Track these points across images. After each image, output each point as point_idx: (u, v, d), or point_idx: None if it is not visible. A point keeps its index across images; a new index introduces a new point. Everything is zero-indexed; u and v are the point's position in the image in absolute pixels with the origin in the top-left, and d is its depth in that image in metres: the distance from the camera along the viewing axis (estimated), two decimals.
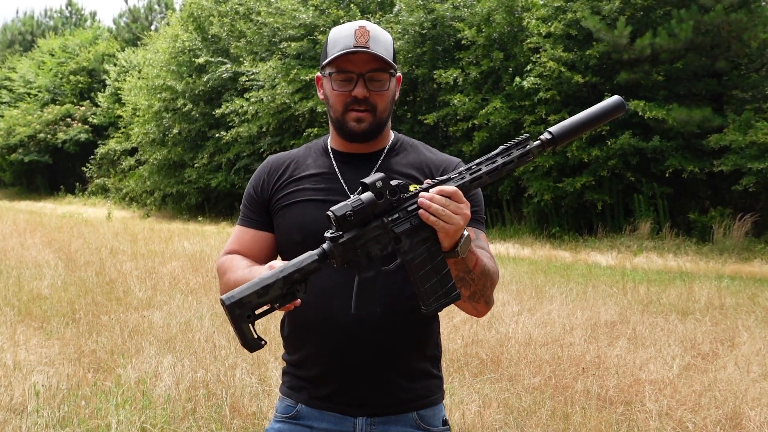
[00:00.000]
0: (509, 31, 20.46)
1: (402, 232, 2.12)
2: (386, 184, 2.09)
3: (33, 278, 10.87)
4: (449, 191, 2.08)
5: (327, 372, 2.35)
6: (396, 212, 2.12)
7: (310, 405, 2.38)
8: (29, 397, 5.52)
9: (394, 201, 2.11)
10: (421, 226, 2.11)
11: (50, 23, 61.83)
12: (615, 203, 18.79)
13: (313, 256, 2.09)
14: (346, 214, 2.06)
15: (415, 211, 2.11)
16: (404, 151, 2.52)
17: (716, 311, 9.37)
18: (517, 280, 11.69)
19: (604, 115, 2.28)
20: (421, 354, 2.42)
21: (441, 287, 2.14)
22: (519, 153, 2.21)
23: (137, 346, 7.14)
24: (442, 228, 2.07)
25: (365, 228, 2.10)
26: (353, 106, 2.36)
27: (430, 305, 2.15)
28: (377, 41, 2.36)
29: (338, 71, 2.35)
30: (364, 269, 2.13)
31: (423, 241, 2.13)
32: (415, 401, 2.39)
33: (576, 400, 5.75)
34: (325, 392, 2.36)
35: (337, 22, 23.87)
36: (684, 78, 18.48)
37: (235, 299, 2.05)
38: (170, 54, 29.31)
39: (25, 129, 41.06)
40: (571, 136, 2.24)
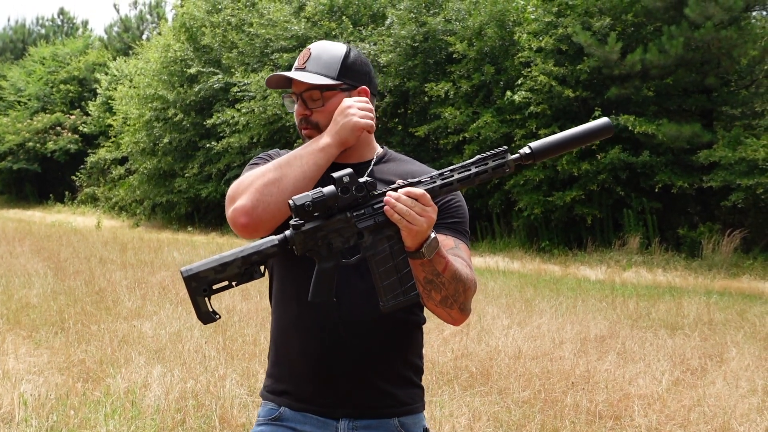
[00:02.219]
0: (500, 45, 20.54)
1: (365, 228, 2.17)
2: (353, 180, 2.15)
3: (22, 287, 10.82)
4: (417, 193, 2.11)
5: (312, 371, 2.36)
6: (362, 208, 2.17)
7: (293, 408, 2.38)
8: (17, 407, 5.49)
9: (360, 197, 2.16)
10: (386, 224, 2.16)
11: (42, 31, 61.70)
12: (605, 217, 18.84)
13: (274, 240, 2.16)
14: (305, 204, 2.11)
15: (380, 209, 2.16)
16: (392, 161, 2.56)
17: (705, 326, 9.40)
18: (507, 294, 11.70)
19: (590, 136, 2.27)
20: (405, 361, 2.43)
21: (400, 286, 2.18)
22: (495, 164, 2.21)
23: (126, 356, 7.12)
24: (405, 227, 2.11)
25: (329, 220, 2.15)
26: (302, 125, 2.45)
27: (387, 302, 2.18)
28: (318, 60, 2.45)
29: (289, 93, 2.48)
30: (324, 259, 2.18)
31: (386, 238, 2.18)
32: (398, 407, 2.40)
33: (566, 414, 5.76)
34: (309, 392, 2.37)
35: (329, 33, 23.94)
36: (674, 94, 18.58)
37: (193, 272, 2.12)
38: (162, 64, 29.29)
39: (15, 137, 40.94)
40: (552, 153, 2.24)
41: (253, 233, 2.29)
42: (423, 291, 2.25)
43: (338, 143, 2.35)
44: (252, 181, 2.30)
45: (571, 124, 18.44)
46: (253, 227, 2.28)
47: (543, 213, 18.91)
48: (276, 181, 2.28)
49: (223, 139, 25.62)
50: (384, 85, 22.04)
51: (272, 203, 2.26)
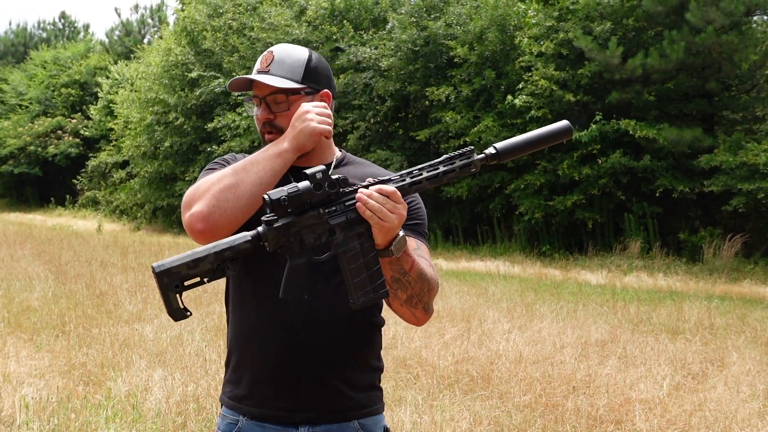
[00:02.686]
0: (501, 49, 20.55)
1: (337, 225, 2.18)
2: (326, 177, 2.16)
3: (23, 290, 10.83)
4: (388, 191, 2.14)
5: (273, 375, 2.34)
6: (334, 205, 2.19)
7: (253, 415, 2.35)
8: (19, 410, 5.50)
9: (333, 194, 2.18)
10: (357, 221, 2.18)
11: (43, 35, 61.76)
12: (605, 222, 18.84)
13: (247, 236, 2.15)
14: (281, 198, 2.12)
15: (352, 206, 2.18)
16: (351, 165, 2.57)
17: (706, 331, 9.39)
18: (508, 298, 11.71)
19: (551, 138, 2.34)
20: (365, 363, 2.44)
21: (370, 283, 2.20)
22: (462, 163, 2.26)
23: (127, 360, 7.12)
24: (377, 224, 2.13)
25: (301, 216, 2.16)
26: (265, 129, 2.44)
27: (357, 299, 2.20)
28: (281, 64, 2.44)
29: (256, 96, 2.46)
30: (296, 256, 2.18)
31: (357, 236, 2.19)
32: (358, 410, 2.39)
33: (566, 419, 5.76)
34: (269, 397, 2.35)
35: (330, 38, 23.97)
36: (675, 98, 18.59)
37: (165, 268, 2.10)
38: (163, 68, 29.32)
39: (16, 141, 40.98)
40: (516, 154, 2.29)
41: (210, 239, 2.25)
42: (389, 290, 2.26)
43: (295, 148, 2.33)
44: (208, 187, 2.28)
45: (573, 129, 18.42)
46: (210, 233, 2.25)
47: (544, 217, 18.91)
48: (232, 186, 2.26)
49: (224, 143, 25.62)
50: (385, 89, 22.05)
51: (229, 209, 2.24)
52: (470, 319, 9.53)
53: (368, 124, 22.63)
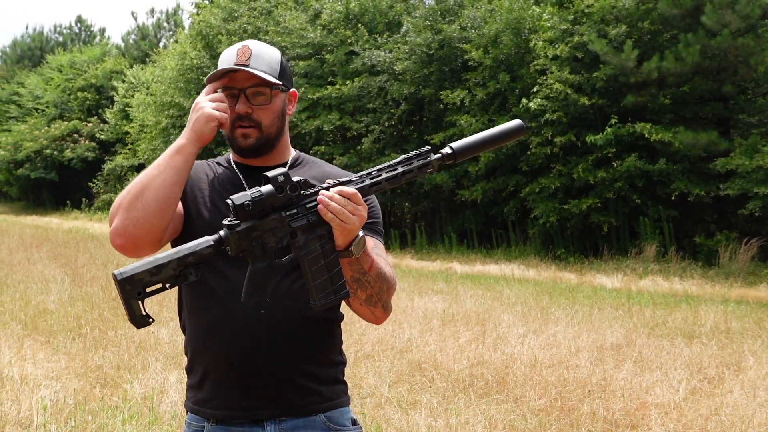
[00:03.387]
0: (516, 52, 20.53)
1: (298, 228, 2.18)
2: (287, 179, 2.15)
3: (39, 293, 10.89)
4: (349, 192, 2.14)
5: (235, 375, 2.32)
6: (295, 208, 2.18)
7: (217, 418, 2.34)
8: (36, 412, 5.53)
9: (294, 197, 2.17)
10: (318, 224, 2.18)
11: (59, 39, 62.17)
12: (621, 225, 18.78)
13: (209, 241, 2.13)
14: (244, 203, 2.11)
15: (313, 209, 2.18)
16: (306, 165, 2.58)
17: (722, 335, 9.35)
18: (522, 302, 11.69)
19: (505, 137, 2.36)
20: (326, 359, 2.44)
21: (331, 284, 2.19)
22: (419, 164, 2.27)
23: (143, 362, 7.15)
24: (338, 226, 2.13)
25: (263, 220, 2.15)
26: (239, 122, 2.41)
27: (318, 300, 2.19)
28: (259, 59, 2.41)
29: (223, 88, 2.40)
30: (258, 260, 2.17)
31: (318, 238, 2.19)
32: (323, 403, 2.40)
33: (582, 423, 5.74)
34: (233, 398, 2.33)
35: (345, 41, 24.00)
36: (691, 101, 18.51)
37: (127, 275, 2.07)
38: (178, 71, 29.41)
39: (32, 144, 41.19)
40: (471, 153, 2.32)
41: (134, 252, 2.25)
42: (350, 290, 2.27)
43: (194, 140, 2.31)
44: (120, 201, 2.25)
45: (587, 132, 18.43)
46: (131, 247, 2.25)
47: (559, 221, 18.87)
48: (139, 195, 2.22)
49: None
50: (399, 93, 22.07)
51: (141, 218, 2.22)
52: (485, 322, 9.53)
53: (383, 128, 22.64)
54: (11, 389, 6.13)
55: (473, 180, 20.84)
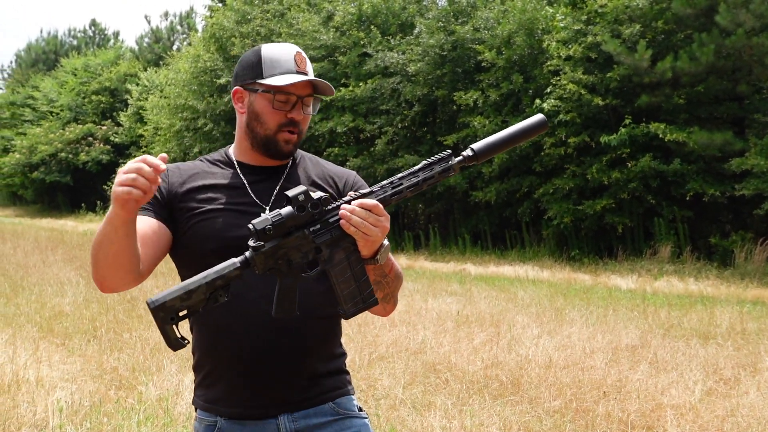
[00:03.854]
0: (529, 53, 20.49)
1: (322, 243, 2.23)
2: (308, 198, 2.20)
3: (55, 295, 10.94)
4: (370, 204, 2.19)
5: (247, 375, 2.37)
6: (317, 224, 2.23)
7: (231, 416, 2.39)
8: (52, 414, 5.55)
9: (316, 213, 2.22)
10: (341, 237, 2.23)
11: (74, 43, 62.48)
12: (635, 226, 18.72)
13: (236, 263, 2.18)
14: (265, 228, 2.16)
15: (335, 223, 2.23)
16: (305, 163, 2.61)
17: (738, 336, 9.31)
18: (537, 303, 11.66)
19: (527, 133, 2.43)
20: (330, 353, 2.50)
21: (359, 293, 2.27)
22: (440, 169, 2.31)
23: (158, 364, 7.17)
24: (361, 238, 2.19)
25: (287, 238, 2.20)
26: (288, 128, 2.45)
27: (348, 310, 2.27)
28: (310, 68, 2.50)
29: (282, 92, 2.43)
30: (285, 275, 2.22)
31: (343, 250, 2.25)
32: (330, 392, 2.47)
33: (597, 424, 5.73)
34: (246, 396, 2.38)
35: (357, 43, 24.00)
36: (705, 101, 18.42)
37: (159, 303, 2.13)
38: (192, 74, 29.48)
39: (47, 147, 41.37)
40: (493, 153, 2.36)
41: (116, 292, 2.37)
42: None
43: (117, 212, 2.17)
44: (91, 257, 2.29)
45: (601, 133, 18.38)
46: (112, 291, 2.34)
47: (573, 222, 18.82)
48: (97, 258, 2.26)
49: None
50: (413, 94, 22.06)
51: (110, 275, 2.27)
52: (499, 324, 9.51)
53: (396, 129, 22.63)
54: (27, 391, 6.16)
55: (487, 181, 20.81)
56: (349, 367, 6.73)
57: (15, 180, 46.02)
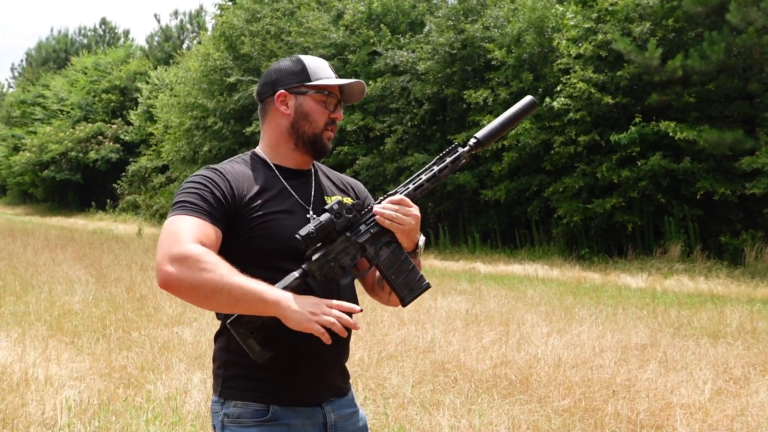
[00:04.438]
0: (539, 51, 20.46)
1: (365, 241, 2.53)
2: (342, 206, 2.50)
3: (64, 293, 10.96)
4: (396, 199, 2.55)
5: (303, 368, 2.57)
6: (357, 227, 2.54)
7: (285, 404, 2.55)
8: (60, 412, 5.56)
9: (352, 218, 2.52)
10: (381, 234, 2.55)
11: (84, 41, 62.63)
12: (645, 225, 18.67)
13: (295, 275, 2.44)
14: (309, 233, 2.44)
15: (372, 222, 2.55)
16: (321, 170, 2.85)
17: (748, 335, 9.27)
18: (546, 302, 11.64)
19: (521, 115, 2.76)
20: (350, 347, 2.77)
21: (412, 281, 2.58)
22: (451, 159, 2.65)
23: (167, 363, 7.17)
24: (398, 229, 2.54)
25: (332, 244, 2.49)
26: (331, 126, 2.69)
27: (405, 298, 2.58)
28: None
29: (329, 95, 2.68)
30: (342, 277, 2.52)
31: (386, 245, 2.56)
32: (348, 383, 2.76)
33: (606, 423, 5.71)
34: (300, 387, 2.57)
35: (367, 41, 23.99)
36: (716, 100, 18.36)
37: (235, 319, 2.40)
38: (202, 72, 29.52)
39: (57, 146, 41.46)
40: (494, 138, 2.72)
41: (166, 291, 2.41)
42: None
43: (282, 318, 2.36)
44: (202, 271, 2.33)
45: (611, 131, 18.34)
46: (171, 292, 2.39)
47: (582, 220, 18.78)
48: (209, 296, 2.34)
49: None
50: (422, 93, 22.06)
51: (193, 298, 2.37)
52: (509, 322, 9.49)
53: (406, 128, 22.62)
54: (36, 390, 6.17)
55: (496, 180, 20.79)
56: (358, 366, 6.73)
57: (25, 178, 46.16)
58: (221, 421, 2.57)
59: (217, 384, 2.62)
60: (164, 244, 2.38)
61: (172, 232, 2.41)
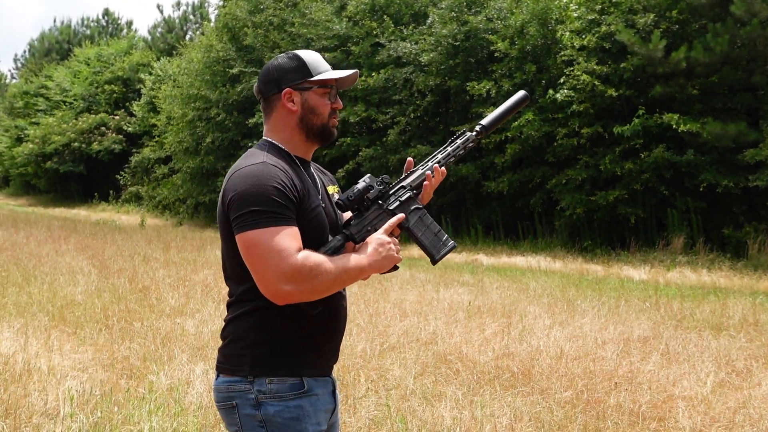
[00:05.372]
0: (543, 43, 20.41)
1: (395, 208, 2.88)
2: (372, 179, 2.85)
3: (67, 284, 10.97)
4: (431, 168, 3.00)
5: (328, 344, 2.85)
6: (388, 197, 2.89)
7: (313, 376, 2.78)
8: (63, 402, 5.56)
9: (383, 189, 2.87)
10: (408, 201, 2.91)
11: (87, 32, 62.55)
12: (648, 217, 18.64)
13: (339, 239, 2.78)
14: (348, 197, 2.81)
15: (400, 193, 2.91)
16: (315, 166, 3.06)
17: (751, 328, 9.27)
18: (549, 294, 11.64)
19: (517, 107, 3.24)
20: None
21: (439, 240, 2.93)
22: (461, 140, 3.07)
23: (169, 354, 7.18)
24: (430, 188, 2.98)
25: (368, 211, 2.85)
26: (334, 115, 2.90)
27: (434, 256, 2.92)
28: None
29: (331, 87, 2.88)
30: None
31: (414, 211, 2.90)
32: None
33: (608, 415, 5.71)
34: (325, 360, 2.85)
35: (370, 33, 23.95)
36: (719, 92, 18.32)
37: None
38: (204, 64, 29.50)
39: (60, 138, 41.43)
40: (496, 125, 3.17)
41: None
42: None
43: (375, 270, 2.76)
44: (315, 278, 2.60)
45: (614, 123, 18.31)
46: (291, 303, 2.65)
47: (585, 212, 18.76)
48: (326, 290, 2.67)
49: None
50: (425, 84, 22.03)
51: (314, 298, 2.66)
52: (511, 314, 9.50)
53: (408, 119, 22.59)
54: (39, 380, 6.18)
55: (499, 171, 20.77)
56: (360, 357, 6.72)
57: (28, 169, 46.17)
58: (254, 399, 2.69)
59: (240, 363, 2.73)
60: (271, 263, 2.56)
61: (271, 248, 2.57)
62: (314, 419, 2.73)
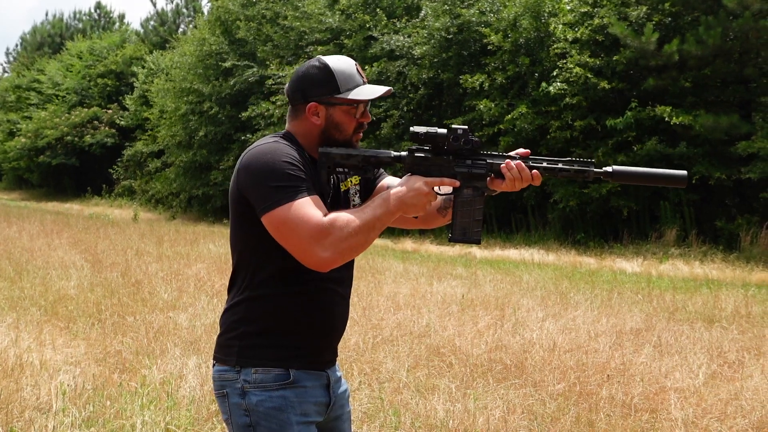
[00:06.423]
0: (536, 36, 20.42)
1: (459, 173, 2.71)
2: (465, 134, 2.70)
3: (59, 278, 10.94)
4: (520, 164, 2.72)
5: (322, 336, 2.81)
6: (464, 159, 2.72)
7: (301, 368, 2.74)
8: (55, 397, 5.55)
9: (466, 149, 2.71)
10: (476, 177, 2.73)
11: (79, 26, 62.33)
12: (641, 210, 18.68)
13: (390, 153, 2.75)
14: (419, 131, 2.71)
15: (480, 164, 2.72)
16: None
17: (743, 319, 9.29)
18: (542, 286, 11.66)
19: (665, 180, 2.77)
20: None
21: (470, 228, 2.76)
22: (578, 166, 2.74)
23: (162, 348, 7.17)
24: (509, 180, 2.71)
25: (435, 156, 2.71)
26: (360, 130, 2.83)
27: (455, 236, 2.77)
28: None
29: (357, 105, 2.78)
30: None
31: (473, 189, 2.74)
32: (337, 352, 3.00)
33: (601, 407, 5.72)
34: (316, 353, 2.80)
35: (363, 26, 23.94)
36: (712, 84, 18.36)
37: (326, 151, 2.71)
38: (197, 57, 29.47)
39: (53, 131, 41.34)
40: (628, 180, 2.76)
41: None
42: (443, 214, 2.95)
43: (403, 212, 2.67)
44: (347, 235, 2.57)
45: (606, 116, 18.32)
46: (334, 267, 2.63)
47: (578, 205, 18.79)
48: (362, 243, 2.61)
49: (258, 132, 25.70)
50: (418, 78, 22.03)
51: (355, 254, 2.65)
52: (504, 307, 9.51)
53: (402, 113, 22.59)
54: (31, 374, 6.17)
55: None
56: (354, 350, 6.71)
57: (21, 164, 46.05)
58: (240, 388, 2.71)
59: (230, 353, 2.76)
60: (304, 236, 2.55)
61: (300, 221, 2.55)
62: (299, 410, 2.71)
